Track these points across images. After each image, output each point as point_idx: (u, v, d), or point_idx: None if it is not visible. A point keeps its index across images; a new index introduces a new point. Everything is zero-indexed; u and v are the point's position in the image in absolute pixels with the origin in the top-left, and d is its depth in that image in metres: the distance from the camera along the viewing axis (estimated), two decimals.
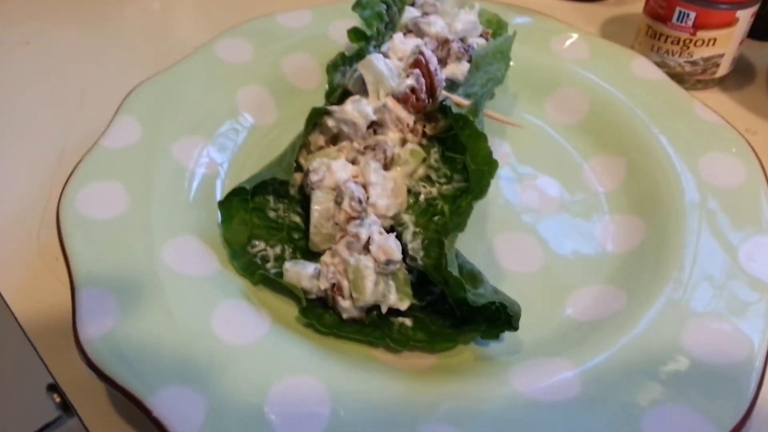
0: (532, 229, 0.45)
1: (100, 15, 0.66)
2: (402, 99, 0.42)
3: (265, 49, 0.54)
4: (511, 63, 0.52)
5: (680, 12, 0.55)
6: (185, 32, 0.65)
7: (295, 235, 0.42)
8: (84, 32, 0.63)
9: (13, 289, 0.42)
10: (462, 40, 0.48)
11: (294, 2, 0.61)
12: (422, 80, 0.42)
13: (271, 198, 0.43)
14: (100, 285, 0.37)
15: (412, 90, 0.41)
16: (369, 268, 0.37)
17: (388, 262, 0.38)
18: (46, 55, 0.61)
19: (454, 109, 0.41)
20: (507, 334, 0.38)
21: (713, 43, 0.56)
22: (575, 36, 0.57)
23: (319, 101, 0.53)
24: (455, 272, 0.36)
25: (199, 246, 0.41)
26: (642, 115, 0.51)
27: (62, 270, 0.40)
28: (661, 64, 0.57)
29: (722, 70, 0.58)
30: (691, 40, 0.56)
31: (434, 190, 0.42)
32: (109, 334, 0.35)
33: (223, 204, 0.41)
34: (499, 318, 0.37)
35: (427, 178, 0.43)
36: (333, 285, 0.38)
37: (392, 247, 0.38)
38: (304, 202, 0.44)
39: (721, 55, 0.57)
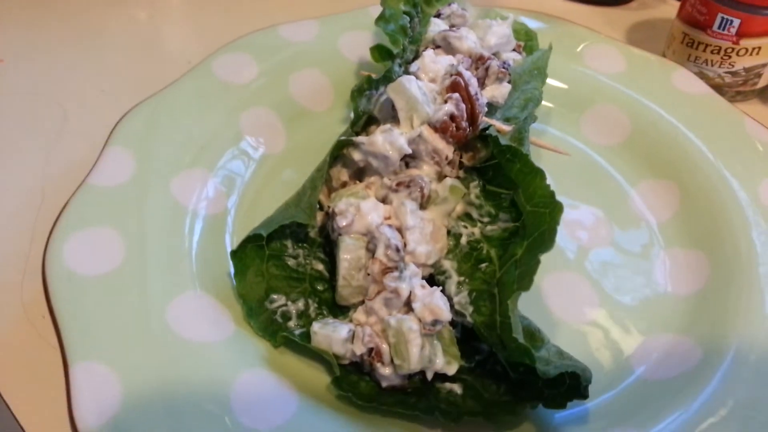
0: (581, 268, 0.41)
1: (82, 28, 0.59)
2: (440, 128, 0.36)
3: (270, 67, 0.48)
4: None
5: (723, 19, 0.50)
6: (176, 45, 0.59)
7: (319, 287, 0.37)
8: (64, 47, 0.57)
9: None
10: (495, 55, 0.43)
11: (296, 11, 0.56)
12: (462, 106, 0.36)
13: (289, 243, 0.38)
14: (98, 359, 0.31)
15: (452, 118, 0.36)
16: (414, 331, 0.32)
17: (435, 322, 0.32)
18: (22, 73, 0.54)
19: (502, 140, 0.36)
20: None
21: (757, 52, 0.51)
22: (608, 46, 0.52)
23: (333, 125, 0.48)
24: (521, 338, 0.31)
25: (209, 303, 0.36)
26: (691, 134, 0.46)
27: (50, 330, 0.34)
28: (698, 75, 0.52)
29: (764, 80, 0.54)
30: (733, 49, 0.51)
31: (476, 231, 0.37)
32: (112, 423, 0.29)
33: (236, 254, 0.36)
34: (562, 382, 0.32)
35: (467, 217, 0.38)
36: (370, 350, 0.33)
37: (440, 305, 0.32)
38: (327, 245, 0.38)
39: (764, 65, 0.52)
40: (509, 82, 0.41)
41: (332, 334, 0.33)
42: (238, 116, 0.45)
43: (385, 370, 0.32)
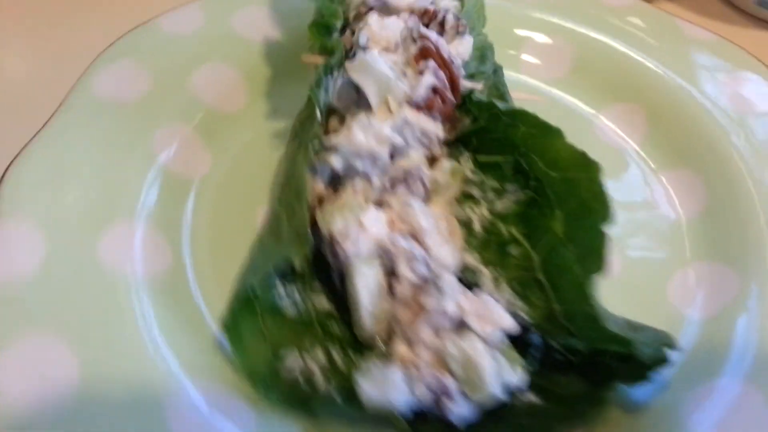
0: None
1: None
2: (426, 105, 0.30)
3: (162, 70, 0.39)
4: None
5: None
6: (34, 67, 0.45)
7: (333, 327, 0.31)
8: None
9: None
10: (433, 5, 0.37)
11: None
12: (441, 74, 0.31)
13: (277, 284, 0.31)
14: None
15: (435, 90, 0.30)
16: (481, 351, 0.27)
17: (498, 334, 0.28)
18: None
19: (500, 104, 0.31)
20: None
21: None
22: None
23: (256, 123, 0.40)
24: (615, 328, 0.27)
25: (210, 394, 0.28)
26: (635, 51, 0.44)
27: None
28: None
29: None
30: None
31: (485, 211, 0.32)
32: None
33: (229, 326, 0.28)
34: (627, 354, 0.29)
35: (468, 197, 0.33)
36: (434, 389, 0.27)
37: (499, 312, 0.28)
38: (321, 273, 0.32)
39: None
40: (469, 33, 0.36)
41: (384, 385, 0.27)
42: (146, 140, 0.36)
43: (459, 408, 0.27)
